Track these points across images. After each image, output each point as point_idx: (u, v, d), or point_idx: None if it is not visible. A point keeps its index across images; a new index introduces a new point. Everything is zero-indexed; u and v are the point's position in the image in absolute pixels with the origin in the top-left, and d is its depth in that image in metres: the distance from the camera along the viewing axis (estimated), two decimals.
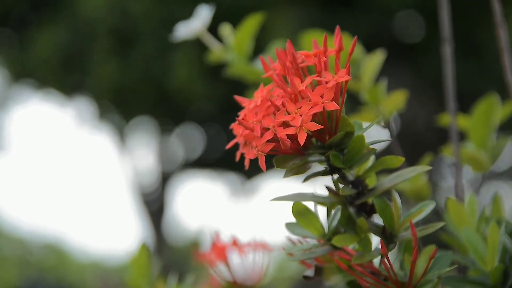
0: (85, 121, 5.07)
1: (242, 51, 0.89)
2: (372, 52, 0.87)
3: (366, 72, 0.86)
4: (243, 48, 0.89)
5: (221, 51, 0.90)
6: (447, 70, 0.84)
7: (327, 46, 0.56)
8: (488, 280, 0.61)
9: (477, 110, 0.83)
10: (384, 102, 0.86)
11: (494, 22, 0.78)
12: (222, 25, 0.90)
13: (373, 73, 0.86)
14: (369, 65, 0.86)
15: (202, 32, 0.88)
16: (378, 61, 0.86)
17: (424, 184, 0.86)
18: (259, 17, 0.88)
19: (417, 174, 0.58)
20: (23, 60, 4.37)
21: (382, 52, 0.86)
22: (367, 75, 0.86)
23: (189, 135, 5.39)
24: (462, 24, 3.58)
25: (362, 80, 0.86)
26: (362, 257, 0.57)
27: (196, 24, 0.87)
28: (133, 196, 5.94)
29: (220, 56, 0.90)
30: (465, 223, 0.65)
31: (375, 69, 0.86)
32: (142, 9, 3.83)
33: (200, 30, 0.88)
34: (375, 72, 0.86)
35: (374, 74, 0.86)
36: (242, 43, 0.89)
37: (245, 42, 0.89)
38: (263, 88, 0.55)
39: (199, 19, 0.87)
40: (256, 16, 0.88)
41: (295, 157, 0.55)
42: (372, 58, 0.86)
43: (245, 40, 0.89)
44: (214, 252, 0.83)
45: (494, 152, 0.82)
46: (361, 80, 0.86)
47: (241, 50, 0.89)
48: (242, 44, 0.89)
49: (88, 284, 6.74)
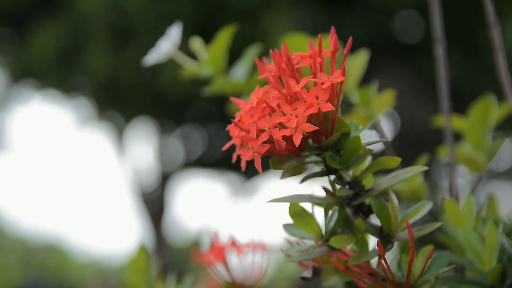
0: (84, 121, 5.07)
1: (217, 66, 0.87)
2: (372, 52, 0.86)
3: (350, 72, 0.85)
4: (218, 63, 0.87)
5: (195, 67, 0.88)
6: (440, 70, 0.84)
7: (322, 47, 0.56)
8: (486, 280, 0.61)
9: (474, 111, 0.84)
10: (374, 103, 0.85)
11: (488, 23, 0.78)
12: (192, 40, 0.88)
13: (357, 73, 0.85)
14: (353, 65, 0.85)
15: (174, 52, 0.87)
16: (362, 61, 0.85)
17: (420, 184, 0.86)
18: (231, 30, 0.86)
19: (414, 174, 0.58)
20: (23, 59, 4.38)
21: (365, 51, 0.85)
22: (352, 75, 0.85)
23: (189, 135, 5.39)
24: (462, 25, 3.58)
25: (347, 82, 0.85)
26: (360, 258, 0.57)
27: (167, 45, 0.86)
28: (133, 196, 5.94)
29: (195, 72, 0.88)
30: (462, 223, 0.65)
31: (359, 69, 0.85)
32: (139, 5, 3.84)
33: (171, 51, 0.86)
34: (359, 72, 0.85)
35: (359, 74, 0.85)
36: (216, 58, 0.87)
37: (220, 56, 0.87)
38: (259, 89, 0.56)
39: (169, 40, 0.86)
40: (228, 30, 0.86)
41: (291, 158, 0.55)
42: (356, 58, 0.85)
43: (220, 55, 0.87)
44: (213, 253, 0.83)
45: (490, 152, 0.82)
46: (347, 82, 0.85)
47: (216, 65, 0.87)
48: (217, 59, 0.87)
49: (89, 284, 6.75)
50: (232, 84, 0.87)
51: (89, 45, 4.07)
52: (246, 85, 0.86)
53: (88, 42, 4.07)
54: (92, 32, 4.03)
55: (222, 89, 0.87)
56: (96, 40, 4.03)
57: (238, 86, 0.87)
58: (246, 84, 0.86)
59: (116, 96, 4.43)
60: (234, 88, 0.87)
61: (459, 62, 3.53)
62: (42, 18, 4.21)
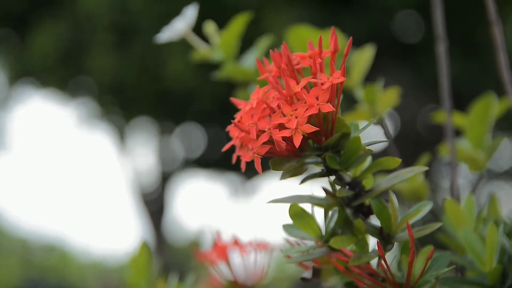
0: (85, 120, 5.07)
1: (229, 52, 0.87)
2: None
3: (355, 67, 0.84)
4: (230, 48, 0.87)
5: (207, 51, 0.88)
6: (442, 68, 0.84)
7: (322, 47, 0.56)
8: (486, 280, 0.61)
9: (474, 109, 0.83)
10: (378, 100, 0.85)
11: (489, 21, 0.78)
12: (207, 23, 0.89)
13: (363, 68, 0.84)
14: (359, 60, 0.84)
15: (187, 33, 0.87)
16: (368, 56, 0.84)
17: (421, 184, 0.86)
18: (246, 17, 0.86)
19: (414, 174, 0.58)
20: (24, 59, 4.38)
21: (372, 46, 0.85)
22: (357, 70, 0.84)
23: (189, 135, 5.39)
24: (462, 24, 3.58)
25: (351, 76, 0.85)
26: (360, 259, 0.57)
27: (181, 25, 0.86)
28: (133, 196, 5.94)
29: (206, 55, 0.88)
30: (463, 223, 0.65)
31: (366, 64, 0.84)
32: (142, 5, 3.84)
33: (185, 31, 0.87)
34: (365, 67, 0.84)
35: (365, 70, 0.85)
36: (229, 43, 0.87)
37: (232, 42, 0.87)
38: (258, 90, 0.55)
39: (183, 20, 0.87)
40: (243, 16, 0.86)
41: (291, 159, 0.55)
42: (362, 53, 0.84)
43: (232, 40, 0.87)
44: (215, 252, 0.83)
45: (489, 150, 0.81)
46: (350, 76, 0.85)
47: (228, 51, 0.87)
48: (229, 45, 0.87)
49: (89, 284, 6.75)
50: (242, 71, 0.87)
51: (92, 44, 4.07)
52: (255, 73, 0.85)
53: (90, 42, 4.08)
54: (94, 31, 4.03)
55: (233, 75, 0.87)
56: (98, 39, 4.03)
57: (248, 74, 0.87)
58: (255, 72, 0.86)
59: (119, 96, 4.43)
60: (244, 76, 0.87)
61: (460, 62, 3.53)
62: (43, 18, 4.21)
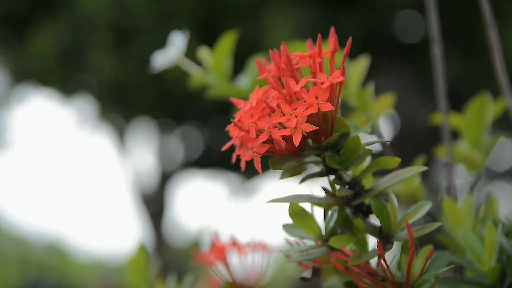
0: (85, 121, 5.07)
1: (221, 71, 0.87)
2: (372, 52, 0.87)
3: (352, 78, 0.86)
4: (221, 67, 0.87)
5: (201, 74, 0.88)
6: (438, 71, 0.84)
7: (322, 47, 0.56)
8: (485, 280, 0.61)
9: (470, 109, 0.84)
10: (372, 106, 0.86)
11: (484, 23, 0.79)
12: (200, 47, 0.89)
13: (359, 79, 0.86)
14: (354, 71, 0.85)
15: (180, 59, 0.87)
16: (363, 67, 0.86)
17: (418, 186, 0.86)
18: (234, 35, 0.87)
19: (413, 174, 0.58)
20: (24, 59, 4.38)
21: (366, 57, 0.86)
22: (354, 81, 0.86)
23: (189, 135, 5.39)
24: (462, 25, 3.58)
25: (349, 86, 0.86)
26: (359, 258, 0.57)
27: (173, 52, 0.87)
28: (133, 196, 5.94)
29: (201, 79, 0.89)
30: (461, 223, 0.65)
31: (361, 74, 0.86)
32: (141, 5, 3.84)
33: (177, 57, 0.87)
34: (361, 77, 0.86)
35: (360, 80, 0.86)
36: (220, 63, 0.87)
37: (223, 61, 0.87)
38: (258, 89, 0.56)
39: (174, 47, 0.87)
40: (231, 35, 0.87)
41: (291, 158, 0.55)
42: (357, 64, 0.86)
43: (223, 60, 0.87)
44: (214, 253, 0.83)
45: (487, 150, 0.82)
46: (348, 87, 0.86)
47: (220, 70, 0.87)
48: (220, 64, 0.87)
49: (89, 284, 6.75)
50: (235, 91, 0.87)
51: (91, 45, 4.07)
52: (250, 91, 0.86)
53: (90, 42, 4.07)
54: (94, 32, 4.03)
55: (224, 94, 0.88)
56: (98, 39, 4.03)
57: (239, 93, 0.87)
58: (250, 91, 0.86)
59: (119, 96, 4.43)
60: (236, 95, 0.87)
61: (459, 62, 3.54)
62: (42, 19, 4.21)
